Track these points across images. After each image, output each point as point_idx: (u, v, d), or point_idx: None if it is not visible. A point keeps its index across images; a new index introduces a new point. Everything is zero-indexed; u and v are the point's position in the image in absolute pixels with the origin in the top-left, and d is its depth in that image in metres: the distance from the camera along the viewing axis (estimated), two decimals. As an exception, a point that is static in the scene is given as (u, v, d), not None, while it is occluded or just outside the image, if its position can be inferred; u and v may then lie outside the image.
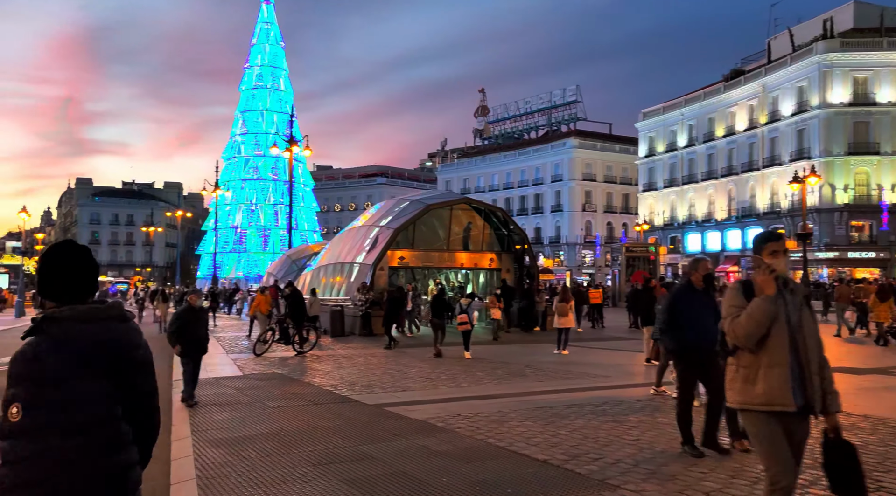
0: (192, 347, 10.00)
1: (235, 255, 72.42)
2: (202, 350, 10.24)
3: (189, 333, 9.97)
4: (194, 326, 10.06)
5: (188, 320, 10.04)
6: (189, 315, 10.13)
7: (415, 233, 25.17)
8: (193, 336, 10.02)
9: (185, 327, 9.97)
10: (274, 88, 72.57)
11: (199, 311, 10.40)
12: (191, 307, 10.29)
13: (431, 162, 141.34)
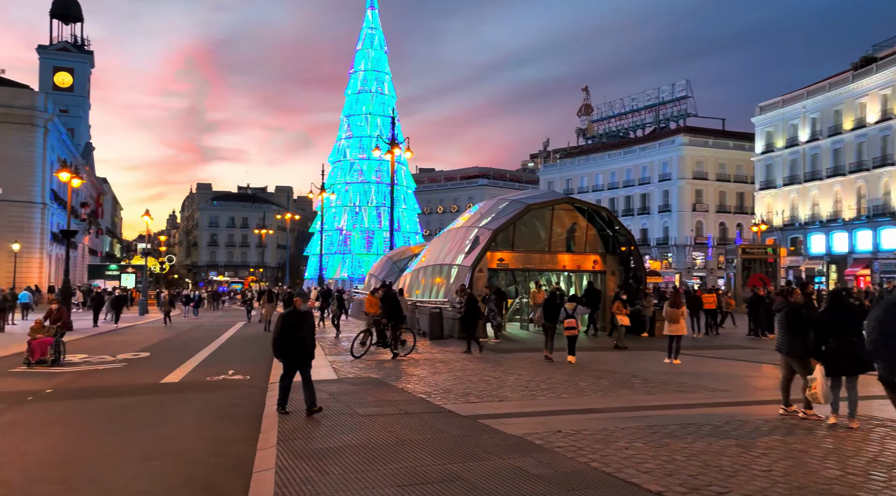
0: (296, 353, 9.26)
1: (340, 257, 74.11)
2: (307, 356, 9.39)
3: (293, 338, 9.25)
4: (299, 331, 9.31)
5: (293, 324, 9.32)
6: (294, 318, 9.37)
7: (515, 233, 24.40)
8: (298, 341, 9.27)
9: (289, 331, 9.27)
10: (378, 92, 73.76)
11: (304, 315, 9.53)
12: (295, 310, 9.47)
13: (533, 163, 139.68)
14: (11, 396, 11.30)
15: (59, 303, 17.39)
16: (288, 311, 9.55)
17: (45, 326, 15.87)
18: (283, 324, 9.29)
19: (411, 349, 17.09)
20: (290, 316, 9.38)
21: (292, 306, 9.62)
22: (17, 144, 50.04)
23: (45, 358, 15.25)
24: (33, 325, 16.10)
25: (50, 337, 15.63)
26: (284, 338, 9.19)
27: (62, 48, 78.45)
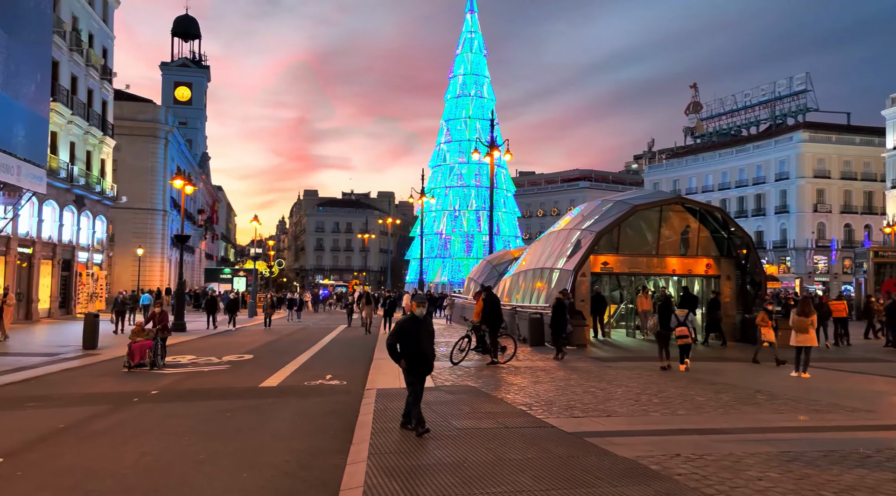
0: (414, 364, 8.40)
1: (440, 261, 74.34)
2: (427, 367, 8.55)
3: (412, 347, 8.35)
4: (417, 339, 8.37)
5: (410, 331, 8.40)
6: (412, 326, 8.44)
7: (620, 236, 23.23)
8: (417, 350, 8.36)
9: (406, 340, 8.35)
10: (476, 96, 73.54)
11: (422, 322, 8.53)
12: (413, 317, 8.53)
13: (637, 164, 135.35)
14: (119, 397, 11.57)
15: (161, 306, 17.06)
16: (405, 318, 8.60)
17: (146, 330, 15.80)
18: (400, 332, 8.42)
19: (511, 356, 16.43)
20: (408, 323, 8.46)
21: (410, 313, 8.67)
22: (140, 155, 53.31)
23: (143, 361, 15.29)
24: (134, 328, 16.15)
25: (150, 340, 15.56)
26: (401, 345, 8.37)
27: (182, 64, 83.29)
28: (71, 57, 35.21)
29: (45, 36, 28.35)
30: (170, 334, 16.60)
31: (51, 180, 32.01)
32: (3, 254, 29.04)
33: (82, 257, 38.52)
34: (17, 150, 25.93)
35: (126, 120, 52.14)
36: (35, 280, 32.21)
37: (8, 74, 24.82)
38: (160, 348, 15.79)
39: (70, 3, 35.34)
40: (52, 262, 34.41)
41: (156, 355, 15.54)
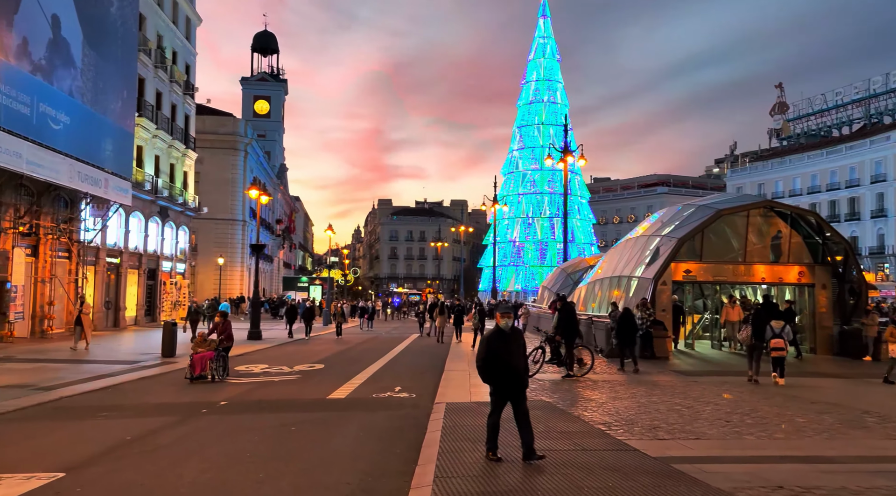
0: (505, 382, 7.43)
1: (513, 269, 73.50)
2: (520, 385, 7.50)
3: (502, 366, 7.43)
4: (507, 355, 7.47)
5: (498, 347, 7.47)
6: (499, 341, 7.50)
7: (703, 242, 22.00)
8: (507, 367, 7.43)
9: (495, 357, 7.43)
10: (549, 102, 72.55)
11: (511, 335, 7.60)
12: (500, 330, 7.59)
13: (718, 168, 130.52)
14: (189, 407, 11.53)
15: (223, 316, 15.97)
16: (491, 333, 7.65)
17: (208, 340, 15.17)
18: (487, 348, 7.49)
19: (588, 369, 15.64)
20: (495, 338, 7.54)
21: (495, 326, 7.69)
22: (221, 167, 55.08)
23: (204, 373, 14.63)
24: (196, 339, 15.55)
25: (211, 351, 14.90)
26: (490, 365, 7.45)
27: (261, 79, 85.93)
28: (156, 74, 36.60)
29: (132, 54, 29.51)
30: (232, 345, 15.81)
31: (136, 192, 33.25)
32: (92, 264, 30.26)
33: (166, 266, 39.85)
34: (105, 163, 27.01)
35: (208, 133, 53.99)
36: (122, 289, 33.47)
37: (97, 92, 25.88)
38: (223, 360, 15.23)
39: (155, 22, 36.77)
40: (139, 272, 35.70)
41: (217, 367, 14.96)
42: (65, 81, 23.21)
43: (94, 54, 25.35)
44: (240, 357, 20.37)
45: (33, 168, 21.08)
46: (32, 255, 25.33)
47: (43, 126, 21.68)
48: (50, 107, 22.05)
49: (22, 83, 20.42)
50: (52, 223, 26.10)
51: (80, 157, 24.47)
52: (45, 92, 21.78)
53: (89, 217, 29.08)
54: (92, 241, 29.46)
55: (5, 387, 13.09)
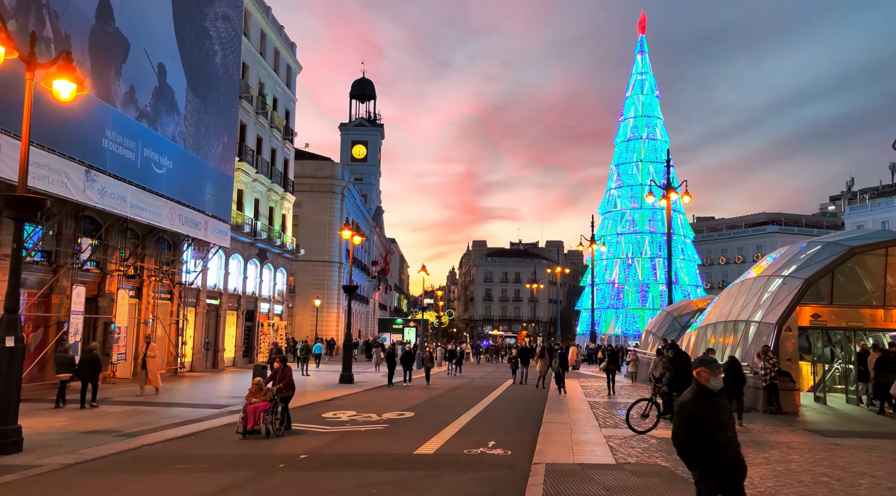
0: (720, 466, 5.43)
1: (613, 311, 70.57)
2: (740, 469, 5.50)
3: (710, 441, 5.40)
4: (718, 427, 5.43)
5: (706, 416, 5.46)
6: (704, 407, 5.49)
7: (833, 284, 19.68)
8: (718, 444, 5.40)
9: (702, 429, 5.42)
10: (648, 138, 70.16)
11: (716, 397, 5.58)
12: (704, 392, 5.57)
13: (834, 206, 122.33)
14: (267, 461, 10.76)
15: (282, 362, 14.16)
16: (691, 397, 5.60)
17: (264, 389, 13.37)
18: (690, 418, 5.51)
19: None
20: (701, 404, 5.52)
21: (693, 387, 5.66)
22: (319, 210, 56.24)
23: (257, 427, 12.80)
24: (251, 387, 13.57)
25: (266, 402, 13.09)
26: (697, 442, 5.45)
27: (358, 124, 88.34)
28: (257, 119, 37.76)
29: (233, 99, 30.46)
30: (292, 394, 13.96)
31: (235, 235, 34.00)
32: (193, 305, 30.91)
33: (264, 308, 40.46)
34: (205, 206, 27.67)
35: (306, 177, 55.39)
36: (221, 330, 34.04)
37: (198, 136, 26.67)
38: (281, 411, 13.40)
39: (257, 70, 38.12)
40: (237, 313, 36.32)
41: (273, 420, 13.02)
42: (168, 127, 23.98)
43: (196, 100, 26.21)
44: (328, 402, 19.73)
45: (136, 211, 21.63)
46: (136, 297, 26.00)
47: (146, 170, 22.33)
48: (154, 151, 22.74)
49: (128, 129, 21.14)
50: (155, 265, 26.81)
51: (182, 201, 25.08)
52: (149, 137, 22.50)
53: (191, 259, 29.80)
54: (193, 283, 30.11)
55: (91, 433, 12.85)
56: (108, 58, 20.11)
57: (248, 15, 36.28)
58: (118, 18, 20.36)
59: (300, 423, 14.72)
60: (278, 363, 14.15)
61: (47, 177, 17.05)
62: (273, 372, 14.14)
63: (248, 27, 36.24)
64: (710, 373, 5.59)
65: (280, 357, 14.49)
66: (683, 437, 5.50)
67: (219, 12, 27.92)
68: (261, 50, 38.72)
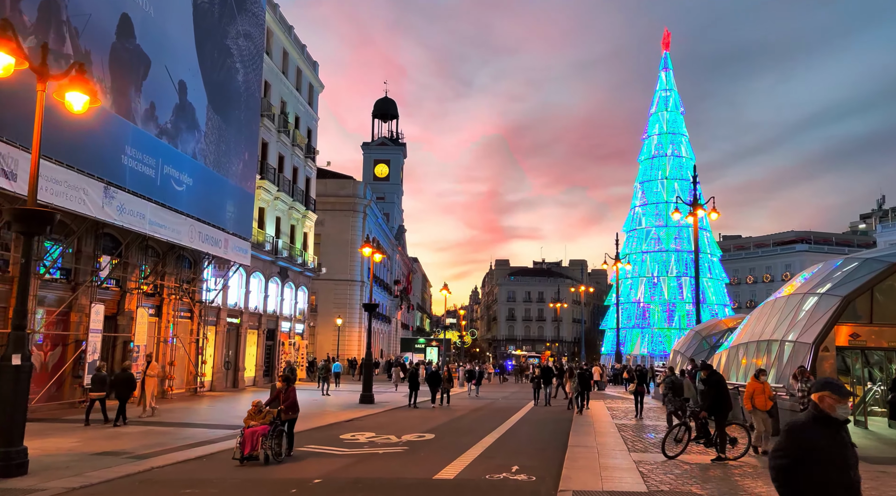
0: None
1: (638, 331, 69.33)
2: None
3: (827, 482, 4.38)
4: (842, 464, 4.43)
5: (826, 449, 4.43)
6: (822, 433, 4.47)
7: (872, 302, 18.79)
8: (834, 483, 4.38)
9: (817, 463, 4.39)
10: (674, 155, 69.26)
11: (841, 428, 4.53)
12: (825, 420, 4.51)
13: (865, 224, 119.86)
14: (278, 486, 10.28)
15: (285, 382, 13.02)
16: (805, 422, 4.58)
17: (264, 411, 12.33)
18: (798, 445, 4.48)
19: (745, 451, 13.13)
20: (817, 431, 4.50)
21: (810, 411, 4.64)
22: (341, 228, 56.16)
23: (255, 453, 11.77)
24: (250, 409, 12.50)
25: (265, 425, 12.02)
26: (804, 476, 4.42)
27: (381, 143, 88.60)
28: (279, 138, 37.78)
29: (254, 117, 30.44)
30: (296, 417, 12.88)
31: (256, 253, 33.82)
32: (213, 324, 30.70)
33: (285, 327, 40.19)
34: (226, 224, 27.54)
35: (329, 196, 55.40)
36: (242, 348, 33.76)
37: (219, 154, 26.61)
38: (283, 436, 12.45)
39: (279, 89, 38.22)
40: (258, 332, 36.05)
41: (273, 445, 12.03)
42: (189, 144, 23.92)
43: (217, 118, 26.18)
44: (347, 423, 19.23)
45: (155, 228, 21.49)
46: (156, 315, 25.82)
47: (166, 187, 22.22)
48: (174, 169, 22.65)
49: (148, 146, 21.07)
50: (175, 283, 26.65)
51: (202, 218, 24.95)
52: (169, 154, 22.43)
53: (211, 277, 29.63)
54: (213, 301, 29.92)
55: (101, 455, 12.48)
56: (129, 74, 20.11)
57: (270, 33, 36.45)
58: (139, 35, 20.38)
59: (316, 445, 14.24)
60: (281, 382, 13.14)
61: (65, 193, 16.93)
62: (275, 392, 13.06)
63: (270, 46, 36.40)
64: (837, 399, 4.54)
65: (284, 375, 13.41)
66: (787, 471, 4.43)
67: (241, 30, 27.98)
68: (283, 68, 38.86)
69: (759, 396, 14.14)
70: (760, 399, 14.12)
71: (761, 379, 14.61)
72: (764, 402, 14.12)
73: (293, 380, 13.69)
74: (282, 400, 12.57)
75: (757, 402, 14.08)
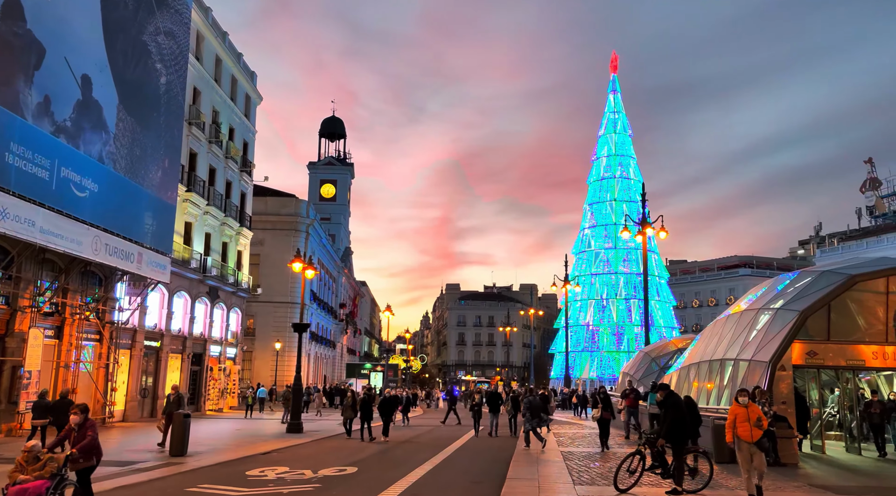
0: None
1: (588, 354, 68.31)
2: None
3: None
4: None
5: None
6: None
7: (830, 317, 17.71)
8: None
9: None
10: (622, 177, 69.12)
11: None
12: None
13: (804, 249, 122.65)
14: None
15: (82, 414, 9.06)
16: None
17: (43, 458, 8.40)
18: None
19: (706, 483, 11.57)
20: None
21: None
22: (282, 248, 53.50)
23: None
24: (18, 457, 8.53)
25: (43, 480, 8.16)
26: None
27: (327, 163, 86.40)
28: (210, 149, 35.49)
29: (176, 122, 28.16)
30: (93, 465, 9.08)
31: (180, 270, 31.33)
32: (128, 347, 28.00)
33: (215, 351, 37.51)
34: (142, 237, 25.13)
35: (269, 214, 52.97)
36: (162, 375, 31.01)
37: (133, 159, 24.28)
38: (74, 493, 8.90)
39: (211, 97, 36.02)
40: (182, 356, 33.33)
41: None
42: (94, 145, 21.55)
43: (131, 120, 23.89)
44: (263, 456, 17.03)
45: (49, 238, 19.03)
46: (56, 338, 23.14)
47: (64, 192, 19.81)
48: (74, 172, 20.26)
49: (40, 144, 18.69)
50: (80, 302, 24.03)
51: (110, 229, 22.53)
52: (68, 155, 20.04)
53: (125, 296, 27.04)
54: (127, 322, 27.29)
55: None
56: (16, 62, 17.79)
57: (201, 38, 34.37)
58: (31, 20, 18.11)
59: (211, 485, 12.11)
60: (76, 415, 8.98)
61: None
62: (64, 430, 9.19)
63: (200, 51, 34.28)
64: None
65: (79, 407, 9.12)
66: None
67: (160, 27, 25.82)
68: (215, 76, 36.69)
69: (743, 424, 10.92)
70: (744, 428, 10.89)
71: (741, 401, 11.18)
72: (749, 432, 10.84)
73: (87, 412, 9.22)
74: (72, 440, 8.83)
75: (740, 432, 10.89)
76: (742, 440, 10.77)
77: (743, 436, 10.78)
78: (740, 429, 10.82)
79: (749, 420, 10.78)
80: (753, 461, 10.72)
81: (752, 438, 10.70)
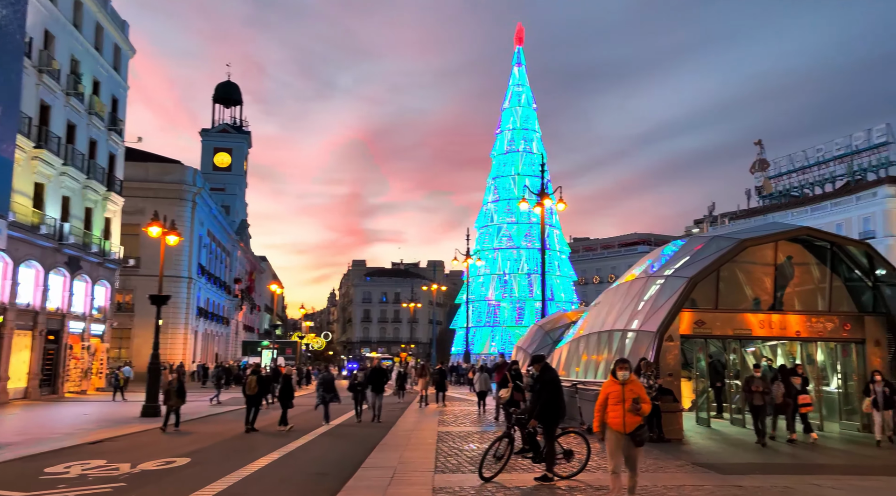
0: None
1: (489, 330, 67.81)
2: None
3: None
4: None
5: None
6: None
7: (719, 285, 16.89)
8: None
9: None
10: (526, 151, 68.45)
11: None
12: None
13: (699, 228, 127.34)
14: None
15: None
16: None
17: None
18: None
19: (582, 467, 10.19)
20: None
21: None
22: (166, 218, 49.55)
23: None
24: None
25: None
26: None
27: (222, 130, 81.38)
28: (67, 101, 31.54)
29: (13, 64, 24.37)
30: None
31: (27, 236, 27.70)
32: (-42, 323, 24.37)
33: (76, 328, 33.83)
34: (-31, 196, 21.58)
35: (151, 181, 48.82)
36: (5, 354, 27.37)
37: (-49, 103, 20.63)
38: None
39: (69, 43, 31.95)
40: (33, 334, 29.63)
41: None
42: None
43: (-54, 55, 20.21)
44: (83, 447, 14.44)
45: None
46: None
47: None
48: None
49: None
50: None
51: (-82, 182, 19.00)
52: None
53: (-50, 263, 23.38)
54: (-46, 294, 23.65)
55: None
56: None
57: (54, -25, 30.26)
58: None
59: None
60: None
61: None
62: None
63: (54, -11, 30.18)
64: None
65: None
66: None
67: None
68: (74, 21, 32.56)
69: (616, 408, 8.03)
70: (616, 413, 8.01)
71: (620, 376, 8.19)
72: (622, 419, 7.97)
73: None
74: None
75: (610, 418, 8.08)
76: (612, 429, 8.04)
77: (613, 423, 8.01)
78: (611, 415, 8.05)
79: (623, 402, 7.96)
80: (625, 458, 8.10)
81: (625, 429, 7.92)
